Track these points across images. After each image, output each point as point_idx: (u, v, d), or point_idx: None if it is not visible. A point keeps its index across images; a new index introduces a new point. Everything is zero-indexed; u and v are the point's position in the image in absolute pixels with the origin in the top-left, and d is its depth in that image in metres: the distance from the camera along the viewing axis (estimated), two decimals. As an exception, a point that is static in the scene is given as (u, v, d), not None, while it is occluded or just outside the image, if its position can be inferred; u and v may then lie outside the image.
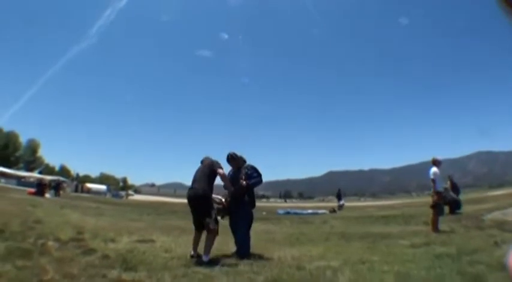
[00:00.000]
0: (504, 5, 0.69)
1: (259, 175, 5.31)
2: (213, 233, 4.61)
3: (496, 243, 5.36)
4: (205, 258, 4.45)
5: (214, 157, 5.22)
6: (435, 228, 7.49)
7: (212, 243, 4.62)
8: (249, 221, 5.16)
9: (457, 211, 12.36)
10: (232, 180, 5.24)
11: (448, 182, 13.03)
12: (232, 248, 5.12)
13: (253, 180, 5.20)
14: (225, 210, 5.28)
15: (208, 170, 4.92)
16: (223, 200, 5.17)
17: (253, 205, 5.31)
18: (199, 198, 4.76)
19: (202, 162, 5.18)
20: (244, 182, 5.11)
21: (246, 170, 5.26)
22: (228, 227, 5.26)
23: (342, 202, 23.89)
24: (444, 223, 8.10)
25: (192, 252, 4.70)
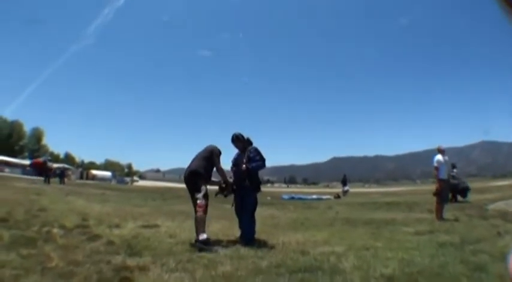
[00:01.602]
0: (504, 5, 0.68)
1: (262, 159, 5.07)
2: (201, 209, 4.48)
3: (499, 234, 5.38)
4: (200, 237, 4.27)
5: (220, 144, 5.15)
6: (439, 216, 7.48)
7: (203, 220, 4.44)
8: (253, 205, 5.03)
9: (465, 199, 12.32)
10: (235, 162, 5.16)
11: (455, 170, 12.93)
12: (237, 232, 5.11)
13: (254, 164, 4.97)
14: (224, 190, 5.09)
15: (208, 154, 4.91)
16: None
17: (258, 189, 5.14)
18: (190, 174, 4.74)
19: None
20: (244, 166, 4.94)
21: (249, 153, 5.05)
22: (233, 211, 5.21)
23: (346, 188, 23.85)
24: (448, 211, 8.10)
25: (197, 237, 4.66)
